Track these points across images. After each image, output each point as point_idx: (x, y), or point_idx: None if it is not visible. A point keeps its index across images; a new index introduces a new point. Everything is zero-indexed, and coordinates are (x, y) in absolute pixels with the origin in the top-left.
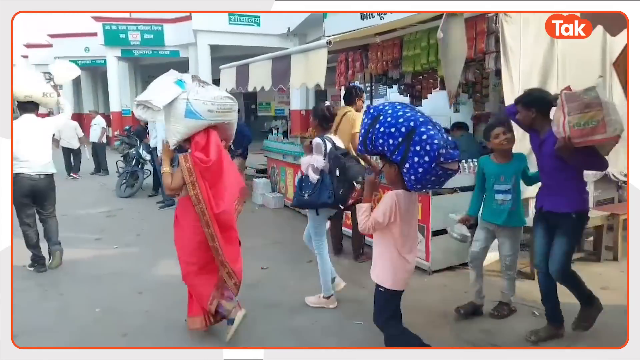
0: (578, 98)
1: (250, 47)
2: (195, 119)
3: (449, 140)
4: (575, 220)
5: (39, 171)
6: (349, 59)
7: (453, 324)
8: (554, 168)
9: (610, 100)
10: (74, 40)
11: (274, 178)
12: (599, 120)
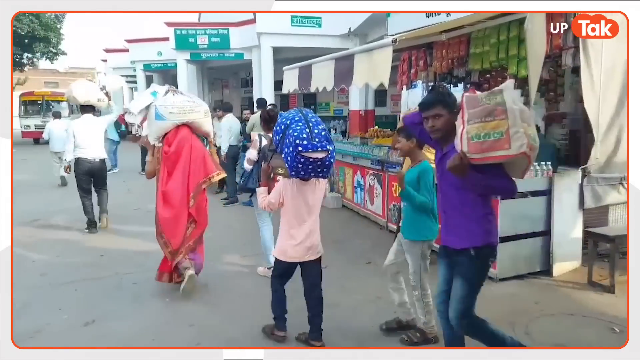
0: (479, 103)
1: (311, 48)
2: (162, 120)
3: (319, 135)
4: (474, 258)
5: (94, 156)
6: (412, 57)
7: (522, 336)
8: (451, 191)
9: (522, 107)
10: (148, 45)
11: (332, 178)
12: (502, 132)
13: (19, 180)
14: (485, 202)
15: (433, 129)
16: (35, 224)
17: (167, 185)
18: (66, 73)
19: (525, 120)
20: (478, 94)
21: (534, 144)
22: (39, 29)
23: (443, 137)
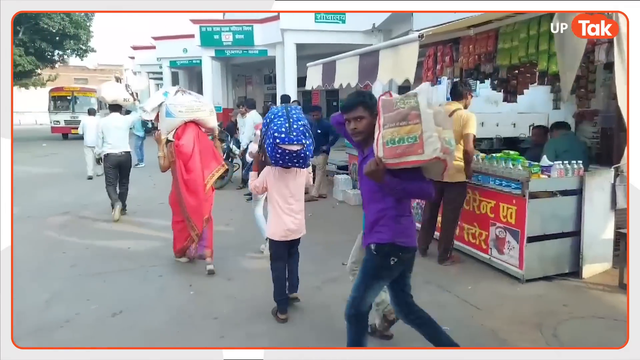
0: (394, 107)
1: (335, 44)
2: (172, 118)
3: (297, 130)
4: (373, 254)
5: (120, 150)
6: (438, 53)
7: (550, 339)
8: (368, 192)
9: (437, 109)
10: (174, 42)
11: (355, 175)
12: (416, 137)
13: (50, 173)
14: (400, 204)
15: (354, 132)
16: (65, 217)
17: (188, 175)
18: (95, 70)
19: (440, 123)
20: (394, 97)
21: (448, 147)
22: (70, 27)
23: (364, 140)
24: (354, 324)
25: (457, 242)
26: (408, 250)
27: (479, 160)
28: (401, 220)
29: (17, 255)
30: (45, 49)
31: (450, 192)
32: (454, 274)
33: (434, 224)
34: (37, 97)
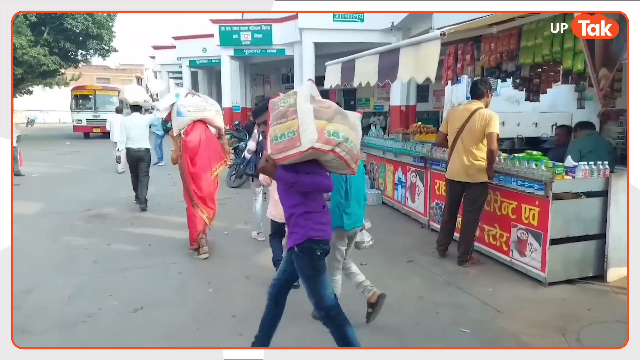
0: (276, 107)
1: (353, 43)
2: (182, 117)
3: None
4: (299, 255)
5: (139, 146)
6: (459, 51)
7: (573, 343)
8: (280, 191)
9: (323, 105)
10: (194, 41)
11: (372, 174)
12: (294, 131)
13: (74, 171)
14: (308, 200)
15: (263, 134)
16: (88, 213)
17: (194, 168)
18: (117, 69)
19: (325, 117)
20: (277, 98)
21: (335, 139)
22: (93, 27)
23: None
24: (331, 323)
25: (477, 244)
26: (326, 242)
27: (500, 160)
28: (310, 217)
29: (41, 250)
30: (69, 49)
31: (471, 192)
32: (474, 275)
33: (453, 224)
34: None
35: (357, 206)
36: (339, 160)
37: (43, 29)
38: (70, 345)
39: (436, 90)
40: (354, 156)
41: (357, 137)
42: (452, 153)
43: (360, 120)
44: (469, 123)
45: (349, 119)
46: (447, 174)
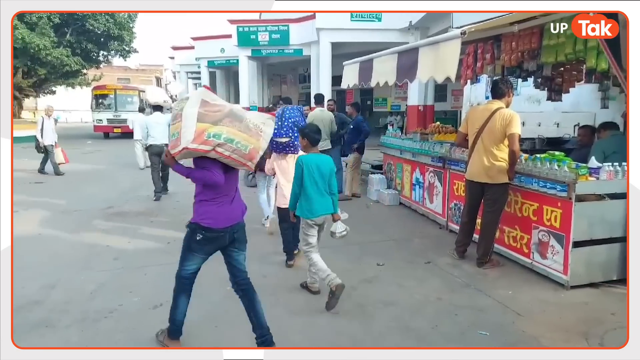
0: (174, 108)
1: (370, 42)
2: None
3: (286, 127)
4: (188, 229)
5: (161, 142)
6: (478, 50)
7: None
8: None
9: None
10: (212, 42)
11: (389, 174)
12: (178, 133)
13: (95, 169)
14: (203, 190)
15: None
16: (109, 211)
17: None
18: (137, 70)
19: (209, 121)
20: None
21: (215, 140)
22: (114, 28)
23: None
24: (176, 285)
25: (496, 245)
26: (212, 230)
27: (521, 160)
28: (204, 205)
29: (65, 246)
30: (91, 50)
31: (491, 193)
32: (494, 277)
33: (472, 226)
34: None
35: (320, 198)
36: (226, 159)
37: (66, 30)
38: (91, 341)
39: (454, 90)
40: (245, 155)
41: (249, 138)
42: (472, 153)
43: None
44: (489, 123)
45: (243, 122)
46: (466, 174)
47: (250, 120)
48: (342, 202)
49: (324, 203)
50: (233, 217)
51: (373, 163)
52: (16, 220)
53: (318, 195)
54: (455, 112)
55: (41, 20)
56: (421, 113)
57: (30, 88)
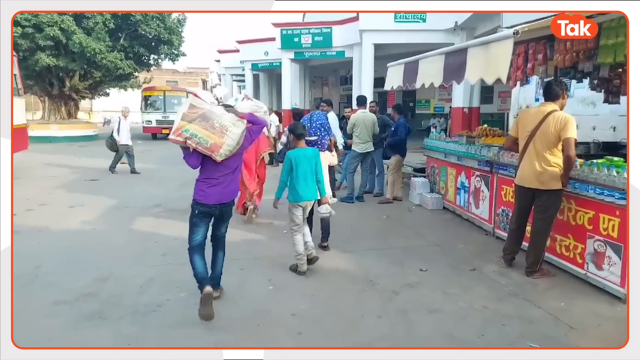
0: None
1: (414, 44)
2: None
3: (314, 127)
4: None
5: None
6: (530, 50)
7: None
8: None
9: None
10: (256, 45)
11: (433, 178)
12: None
13: (145, 169)
14: (199, 172)
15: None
16: (158, 209)
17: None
18: (184, 72)
19: (187, 120)
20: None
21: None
22: (164, 33)
23: None
24: (189, 255)
25: (547, 254)
26: (203, 205)
27: (576, 166)
28: (198, 183)
29: (117, 241)
30: (142, 54)
31: (543, 200)
32: (544, 288)
33: (522, 233)
34: (134, 98)
35: (305, 185)
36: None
37: (120, 35)
38: (140, 334)
39: (502, 92)
40: (207, 147)
41: (211, 135)
42: (522, 158)
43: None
44: (542, 126)
45: (209, 122)
46: (516, 179)
47: (219, 121)
48: (383, 205)
49: (309, 191)
50: (222, 197)
51: (415, 166)
52: (72, 216)
53: (304, 184)
54: (502, 114)
55: (97, 26)
56: (466, 115)
57: (86, 90)
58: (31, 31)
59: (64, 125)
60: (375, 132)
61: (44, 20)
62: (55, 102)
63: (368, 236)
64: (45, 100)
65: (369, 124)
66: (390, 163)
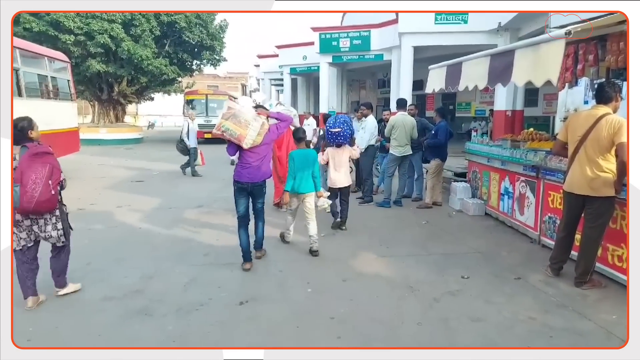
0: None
1: (454, 46)
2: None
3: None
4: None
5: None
6: (580, 51)
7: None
8: None
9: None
10: (295, 49)
11: (474, 182)
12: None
13: (188, 171)
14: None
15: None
16: (199, 210)
17: (279, 152)
18: (225, 77)
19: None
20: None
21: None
22: (207, 39)
23: None
24: (237, 227)
25: (598, 264)
26: (237, 182)
27: None
28: (237, 166)
29: (163, 240)
30: (186, 60)
31: (595, 207)
32: (595, 299)
33: (570, 241)
34: (177, 102)
35: (302, 178)
36: (229, 139)
37: (165, 41)
38: (184, 331)
39: (547, 94)
40: (236, 138)
41: (239, 127)
42: (572, 163)
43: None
44: (594, 131)
45: (237, 119)
46: (565, 186)
47: (244, 117)
48: (422, 210)
49: (306, 185)
50: (252, 177)
51: (456, 170)
52: (120, 215)
53: (303, 179)
54: (547, 117)
55: (144, 33)
56: (509, 119)
57: (133, 95)
58: (83, 39)
59: (112, 129)
60: (413, 136)
61: (95, 28)
62: (104, 106)
63: (407, 241)
64: (95, 105)
65: (408, 127)
66: (430, 167)
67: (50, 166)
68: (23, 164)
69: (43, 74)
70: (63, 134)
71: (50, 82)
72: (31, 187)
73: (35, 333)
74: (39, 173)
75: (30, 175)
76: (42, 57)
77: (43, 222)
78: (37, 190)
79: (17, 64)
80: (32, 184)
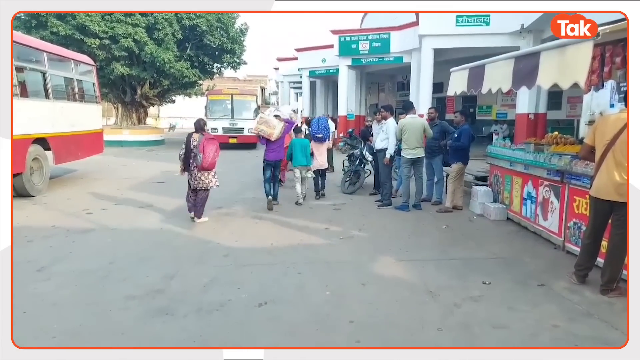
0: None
1: (475, 48)
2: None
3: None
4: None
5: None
6: (607, 53)
7: None
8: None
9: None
10: (314, 52)
11: (496, 187)
12: None
13: None
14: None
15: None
16: (219, 211)
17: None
18: (244, 80)
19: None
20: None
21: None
22: (227, 42)
23: None
24: (263, 183)
25: (625, 272)
26: (266, 160)
27: None
28: (265, 150)
29: (183, 241)
30: (207, 63)
31: (623, 213)
32: (622, 308)
33: (596, 248)
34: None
35: (299, 157)
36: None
37: (187, 45)
38: (204, 331)
39: (571, 97)
40: (266, 135)
41: (269, 128)
42: (599, 168)
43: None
44: (623, 134)
45: (268, 123)
46: (592, 191)
47: (272, 122)
48: (442, 214)
49: (302, 160)
50: (274, 157)
51: (477, 174)
52: (141, 215)
53: (301, 156)
54: (570, 121)
55: (167, 37)
56: (531, 122)
57: (155, 97)
58: (108, 42)
59: (135, 131)
60: (428, 135)
61: (119, 32)
62: (127, 108)
63: (427, 245)
64: (119, 107)
65: (417, 129)
66: (452, 170)
67: (216, 146)
68: (204, 142)
69: (69, 77)
70: (88, 136)
71: (76, 85)
72: (208, 155)
73: (60, 330)
74: (212, 148)
75: (208, 149)
76: (69, 60)
77: (207, 174)
78: (210, 156)
79: (44, 67)
80: (209, 152)
